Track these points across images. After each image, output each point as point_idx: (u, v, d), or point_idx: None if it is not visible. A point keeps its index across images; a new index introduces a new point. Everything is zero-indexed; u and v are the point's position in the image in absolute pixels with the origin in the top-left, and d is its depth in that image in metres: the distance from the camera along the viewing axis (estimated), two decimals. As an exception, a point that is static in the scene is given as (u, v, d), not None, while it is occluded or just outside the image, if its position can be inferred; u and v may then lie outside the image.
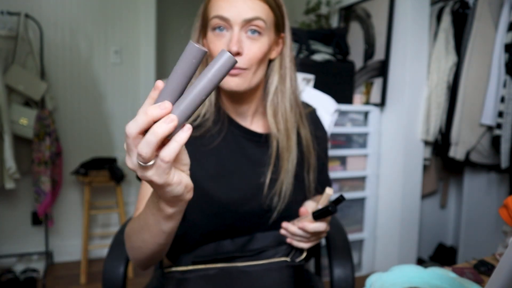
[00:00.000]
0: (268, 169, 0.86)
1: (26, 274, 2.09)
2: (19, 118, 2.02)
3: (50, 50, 2.28)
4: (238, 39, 0.76)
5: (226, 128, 0.87)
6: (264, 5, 0.78)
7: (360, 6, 2.32)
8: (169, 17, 3.40)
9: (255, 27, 0.78)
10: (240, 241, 0.85)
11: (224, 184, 0.84)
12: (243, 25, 0.77)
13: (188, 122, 0.80)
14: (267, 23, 0.79)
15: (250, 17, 0.76)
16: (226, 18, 0.76)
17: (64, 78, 2.35)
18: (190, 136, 0.82)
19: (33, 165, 2.06)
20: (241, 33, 0.77)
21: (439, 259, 2.42)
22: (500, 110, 1.82)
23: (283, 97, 0.86)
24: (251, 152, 0.88)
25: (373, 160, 2.21)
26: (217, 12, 0.77)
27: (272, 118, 0.85)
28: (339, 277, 0.89)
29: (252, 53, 0.78)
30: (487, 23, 1.92)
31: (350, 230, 2.21)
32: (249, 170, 0.87)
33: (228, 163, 0.86)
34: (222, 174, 0.85)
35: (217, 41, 0.78)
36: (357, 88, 2.29)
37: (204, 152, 0.85)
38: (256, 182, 0.87)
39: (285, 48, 0.87)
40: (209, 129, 0.85)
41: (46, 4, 2.26)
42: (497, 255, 0.81)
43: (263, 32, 0.79)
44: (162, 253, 0.72)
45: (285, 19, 0.86)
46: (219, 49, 0.77)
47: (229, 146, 0.86)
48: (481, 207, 2.15)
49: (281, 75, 0.86)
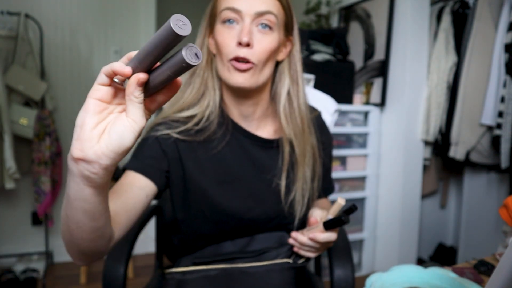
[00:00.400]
0: (282, 175, 0.83)
1: (26, 274, 2.09)
2: (19, 118, 2.02)
3: (50, 50, 2.28)
4: (249, 30, 0.74)
5: (230, 132, 0.84)
6: (276, 1, 0.77)
7: (360, 6, 2.32)
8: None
9: (266, 21, 0.76)
10: (241, 242, 0.85)
11: (228, 191, 0.82)
12: (255, 18, 0.75)
13: (192, 126, 0.81)
14: (278, 19, 0.78)
15: (263, 10, 0.75)
16: (238, 10, 0.75)
17: (64, 78, 2.35)
18: (194, 140, 0.80)
19: (33, 165, 2.06)
20: (252, 25, 0.75)
21: (439, 259, 2.42)
22: (500, 110, 1.82)
23: (298, 101, 0.84)
24: (257, 157, 0.84)
25: (373, 160, 2.21)
26: (229, 4, 0.75)
27: (286, 123, 0.82)
28: (339, 277, 0.88)
29: (262, 46, 0.76)
30: (487, 23, 1.92)
31: (350, 230, 2.21)
32: (255, 176, 0.84)
33: (232, 169, 0.83)
34: (226, 180, 0.82)
35: (227, 33, 0.76)
36: (357, 88, 2.29)
37: (208, 158, 0.82)
38: (263, 189, 0.84)
39: (295, 51, 0.85)
40: (214, 132, 0.82)
41: (46, 4, 2.26)
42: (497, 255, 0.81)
43: (274, 27, 0.77)
44: (100, 241, 0.57)
45: (294, 21, 0.84)
46: (227, 41, 0.75)
47: (234, 151, 0.84)
48: (481, 207, 2.15)
49: (292, 77, 0.84)
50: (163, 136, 0.80)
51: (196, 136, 0.81)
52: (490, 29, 1.91)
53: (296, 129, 0.83)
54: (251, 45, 0.75)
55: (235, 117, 0.85)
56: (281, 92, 0.83)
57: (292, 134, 0.83)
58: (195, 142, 0.81)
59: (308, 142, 0.85)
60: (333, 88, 2.00)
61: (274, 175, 0.84)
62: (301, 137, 0.83)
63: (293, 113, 0.83)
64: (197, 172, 0.81)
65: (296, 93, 0.84)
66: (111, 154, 0.44)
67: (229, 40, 0.76)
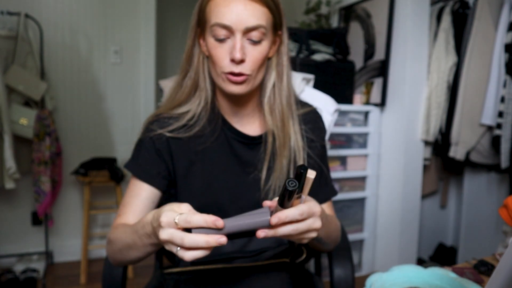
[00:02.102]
0: (263, 166, 0.85)
1: (26, 274, 2.09)
2: (19, 118, 2.02)
3: (50, 50, 2.28)
4: (241, 46, 0.75)
5: (219, 129, 0.87)
6: (264, 9, 0.77)
7: (360, 6, 2.32)
8: (169, 17, 3.40)
9: (257, 37, 0.77)
10: (239, 242, 0.85)
11: (215, 185, 0.84)
12: (245, 33, 0.76)
13: (184, 122, 0.84)
14: (267, 28, 0.78)
15: (252, 25, 0.75)
16: (228, 26, 0.75)
17: (64, 78, 2.35)
18: (185, 136, 0.84)
19: (33, 165, 2.06)
20: (244, 40, 0.77)
21: (439, 259, 2.42)
22: (500, 110, 1.82)
23: (280, 94, 0.86)
24: (242, 154, 0.87)
25: (373, 160, 2.21)
26: (218, 19, 0.75)
27: (269, 115, 0.85)
28: (339, 277, 0.89)
29: (255, 58, 0.78)
30: (487, 23, 1.92)
31: (350, 230, 2.21)
32: (239, 170, 0.86)
33: (218, 164, 0.86)
34: (213, 174, 0.85)
35: (219, 47, 0.77)
36: (357, 88, 2.29)
37: (197, 152, 0.85)
38: (245, 181, 0.86)
39: (282, 46, 0.86)
40: (203, 127, 0.85)
41: (46, 4, 2.26)
42: (497, 255, 0.81)
43: (264, 37, 0.79)
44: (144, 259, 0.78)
45: (282, 17, 0.84)
46: (221, 55, 0.77)
47: (221, 147, 0.86)
48: (481, 207, 2.15)
49: (278, 72, 0.86)
50: (156, 136, 0.85)
51: (186, 132, 0.85)
52: (490, 29, 1.91)
53: (278, 121, 0.85)
54: (244, 60, 0.77)
55: (225, 113, 0.88)
56: (267, 85, 0.85)
57: (274, 126, 0.85)
58: (186, 138, 0.85)
59: (287, 135, 0.86)
60: (333, 88, 2.00)
61: (256, 169, 0.87)
62: (282, 129, 0.85)
63: (273, 106, 0.85)
64: (186, 167, 0.85)
65: (280, 86, 0.86)
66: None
67: (222, 55, 0.77)
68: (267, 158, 0.85)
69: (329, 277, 0.91)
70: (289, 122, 0.86)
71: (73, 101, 2.38)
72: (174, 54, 3.46)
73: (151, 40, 2.52)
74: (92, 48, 2.40)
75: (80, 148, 2.40)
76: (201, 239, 0.54)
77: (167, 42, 3.43)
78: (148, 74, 2.54)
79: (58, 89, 2.33)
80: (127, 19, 2.46)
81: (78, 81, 2.38)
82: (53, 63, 2.30)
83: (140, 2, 2.48)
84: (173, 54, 3.46)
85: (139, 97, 2.54)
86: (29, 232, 2.33)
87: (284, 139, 0.85)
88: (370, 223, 2.25)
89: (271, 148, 0.85)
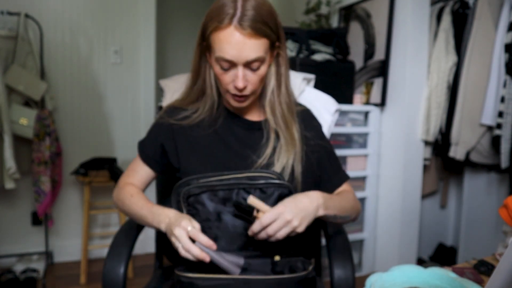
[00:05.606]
0: (262, 154, 0.93)
1: (26, 274, 2.09)
2: (19, 118, 2.02)
3: (50, 50, 2.28)
4: (243, 76, 0.86)
5: (223, 117, 0.98)
6: (262, 40, 0.84)
7: (360, 6, 2.32)
8: (169, 17, 3.40)
9: (256, 66, 0.86)
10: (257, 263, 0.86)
11: (214, 165, 0.93)
12: (246, 64, 0.85)
13: (190, 113, 0.97)
14: (266, 54, 0.87)
15: (252, 58, 0.84)
16: (231, 61, 0.84)
17: (64, 78, 2.35)
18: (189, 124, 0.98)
19: (33, 165, 2.06)
20: (245, 69, 0.86)
21: (439, 259, 2.42)
22: (500, 110, 1.82)
23: (280, 97, 0.96)
24: (241, 136, 0.97)
25: (373, 160, 2.21)
26: (221, 54, 0.84)
27: (271, 115, 0.95)
28: (339, 277, 0.89)
29: (254, 82, 0.89)
30: (487, 23, 1.92)
31: (350, 230, 2.21)
32: (241, 150, 0.94)
33: (219, 146, 0.95)
34: (214, 154, 0.94)
35: (224, 74, 0.88)
36: (357, 88, 2.29)
37: (199, 137, 0.96)
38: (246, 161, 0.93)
39: (281, 58, 0.94)
40: (209, 116, 0.96)
41: (46, 4, 2.26)
42: (497, 255, 0.82)
43: (262, 63, 0.87)
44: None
45: (279, 30, 0.90)
46: (225, 80, 0.89)
47: (224, 131, 0.97)
48: (481, 207, 2.15)
49: (277, 81, 0.95)
50: (165, 123, 0.99)
51: (191, 120, 0.97)
52: (490, 29, 1.91)
53: (279, 121, 0.95)
54: (246, 86, 0.88)
55: (230, 107, 0.99)
56: (267, 88, 0.95)
57: (276, 125, 0.95)
58: (190, 125, 0.97)
59: (291, 132, 0.95)
60: (333, 88, 2.00)
61: (255, 153, 0.94)
62: (285, 128, 0.95)
63: (274, 108, 0.96)
64: (188, 151, 0.95)
65: (279, 92, 0.96)
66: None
67: (227, 80, 0.88)
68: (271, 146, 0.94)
69: (329, 277, 0.91)
70: (292, 125, 0.96)
71: (73, 101, 2.38)
72: (174, 54, 3.46)
73: (151, 40, 2.52)
74: (92, 48, 2.40)
75: (80, 148, 2.40)
76: (195, 249, 0.76)
77: (167, 42, 3.43)
78: (148, 74, 2.54)
79: (58, 89, 2.33)
80: (127, 19, 2.46)
81: (78, 81, 2.38)
82: (53, 63, 2.30)
83: (140, 2, 2.48)
84: (173, 54, 3.46)
85: (139, 97, 2.54)
86: (29, 232, 2.33)
87: (292, 141, 0.94)
88: (370, 223, 2.25)
89: (273, 143, 0.94)
